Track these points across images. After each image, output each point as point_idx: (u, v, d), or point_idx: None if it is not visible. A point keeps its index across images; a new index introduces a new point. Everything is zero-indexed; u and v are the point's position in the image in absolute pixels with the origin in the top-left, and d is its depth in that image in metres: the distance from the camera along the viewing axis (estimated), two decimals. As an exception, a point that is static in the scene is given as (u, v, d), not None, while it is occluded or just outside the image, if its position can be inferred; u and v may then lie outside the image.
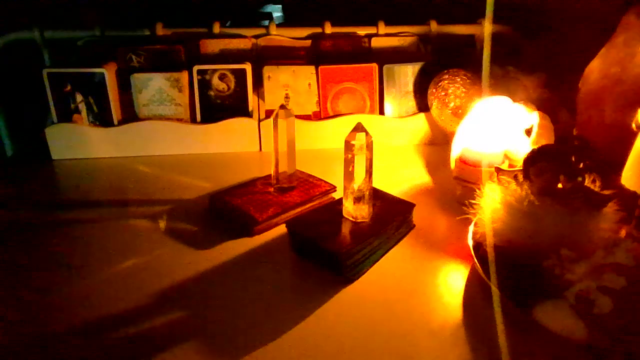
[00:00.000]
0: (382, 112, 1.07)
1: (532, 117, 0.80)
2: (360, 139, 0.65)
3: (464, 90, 0.99)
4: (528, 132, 0.80)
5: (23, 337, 0.55)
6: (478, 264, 0.61)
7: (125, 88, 1.01)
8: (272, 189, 0.81)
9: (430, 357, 0.53)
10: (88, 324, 0.57)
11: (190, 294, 0.62)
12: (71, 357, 0.53)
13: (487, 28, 1.09)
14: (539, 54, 1.11)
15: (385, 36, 1.11)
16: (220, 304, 0.60)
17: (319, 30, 1.10)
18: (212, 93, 1.02)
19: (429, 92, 1.02)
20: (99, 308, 0.59)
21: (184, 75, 1.00)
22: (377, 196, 0.75)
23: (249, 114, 1.03)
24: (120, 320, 0.57)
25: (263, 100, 1.05)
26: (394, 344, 0.54)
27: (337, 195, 0.82)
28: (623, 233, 0.62)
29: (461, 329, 0.57)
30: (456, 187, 0.83)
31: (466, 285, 0.64)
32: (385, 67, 1.05)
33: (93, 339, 0.55)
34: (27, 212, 0.81)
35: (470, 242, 0.65)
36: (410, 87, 1.07)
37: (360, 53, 1.10)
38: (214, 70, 1.01)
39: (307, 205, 0.79)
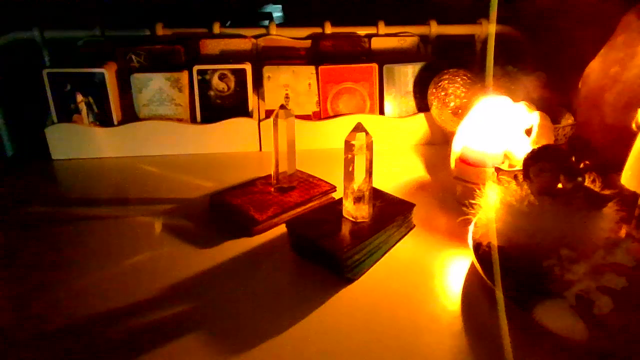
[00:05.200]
0: (382, 112, 1.07)
1: (532, 117, 0.80)
2: (360, 139, 0.65)
3: (464, 90, 0.98)
4: (528, 132, 0.80)
5: (25, 334, 0.55)
6: (478, 264, 0.61)
7: (125, 88, 1.01)
8: (272, 189, 0.81)
9: (430, 357, 0.53)
10: (88, 321, 0.57)
11: (189, 293, 0.62)
12: (71, 352, 0.53)
13: (491, 28, 1.09)
14: (539, 54, 1.11)
15: (385, 36, 1.11)
16: (220, 304, 0.60)
17: (319, 30, 1.10)
18: (212, 93, 1.02)
19: (429, 92, 1.02)
20: (98, 306, 0.59)
21: (184, 75, 1.00)
22: (377, 196, 0.75)
23: (249, 114, 1.03)
24: (119, 317, 0.57)
25: (263, 100, 1.05)
26: (394, 344, 0.54)
27: (337, 195, 0.82)
28: (623, 233, 0.62)
29: (461, 329, 0.57)
30: (456, 187, 0.83)
31: (466, 285, 0.64)
32: (385, 67, 1.05)
33: (93, 334, 0.55)
34: (27, 212, 0.81)
35: (470, 242, 0.65)
36: (410, 87, 1.07)
37: (360, 53, 1.10)
38: (214, 70, 1.01)
39: (307, 205, 0.79)
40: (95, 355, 0.53)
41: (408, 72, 1.06)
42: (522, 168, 0.62)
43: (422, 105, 1.07)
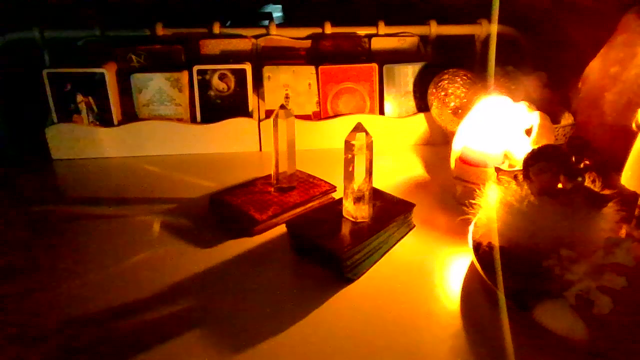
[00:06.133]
0: (382, 112, 1.07)
1: (532, 117, 0.80)
2: (360, 139, 0.65)
3: (464, 90, 0.98)
4: (528, 132, 0.80)
5: (24, 334, 0.55)
6: (478, 264, 0.61)
7: (125, 88, 1.00)
8: (272, 189, 0.81)
9: (430, 357, 0.53)
10: (88, 321, 0.57)
11: (190, 293, 0.62)
12: (71, 351, 0.53)
13: (492, 28, 1.09)
14: (539, 54, 1.11)
15: (385, 36, 1.11)
16: (220, 304, 0.60)
17: (319, 30, 1.10)
18: (212, 93, 1.02)
19: (429, 92, 1.02)
20: (98, 305, 0.59)
21: (184, 75, 1.00)
22: (377, 196, 0.75)
23: (249, 114, 1.03)
24: (119, 317, 0.57)
25: (263, 100, 1.05)
26: (393, 344, 0.54)
27: (337, 195, 0.82)
28: (623, 233, 0.62)
29: (461, 329, 0.57)
30: (456, 187, 0.83)
31: (466, 285, 0.64)
32: (385, 67, 1.05)
33: (93, 333, 0.55)
34: (27, 212, 0.81)
35: (470, 242, 0.65)
36: (410, 87, 1.07)
37: (360, 53, 1.09)
38: (214, 70, 1.01)
39: (307, 205, 0.79)
40: (96, 354, 0.53)
41: (408, 72, 1.06)
42: (522, 168, 0.62)
43: (422, 105, 1.07)
